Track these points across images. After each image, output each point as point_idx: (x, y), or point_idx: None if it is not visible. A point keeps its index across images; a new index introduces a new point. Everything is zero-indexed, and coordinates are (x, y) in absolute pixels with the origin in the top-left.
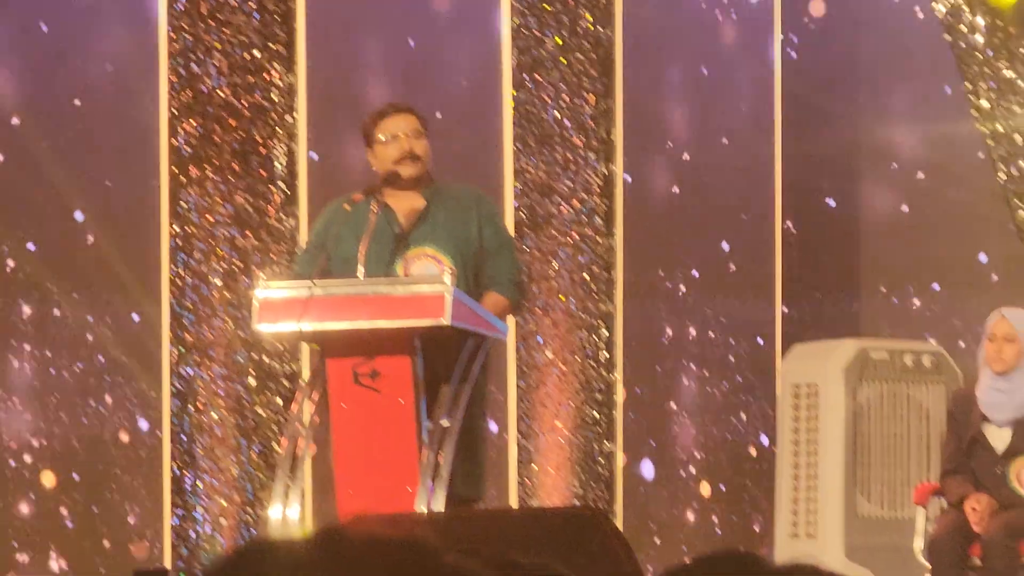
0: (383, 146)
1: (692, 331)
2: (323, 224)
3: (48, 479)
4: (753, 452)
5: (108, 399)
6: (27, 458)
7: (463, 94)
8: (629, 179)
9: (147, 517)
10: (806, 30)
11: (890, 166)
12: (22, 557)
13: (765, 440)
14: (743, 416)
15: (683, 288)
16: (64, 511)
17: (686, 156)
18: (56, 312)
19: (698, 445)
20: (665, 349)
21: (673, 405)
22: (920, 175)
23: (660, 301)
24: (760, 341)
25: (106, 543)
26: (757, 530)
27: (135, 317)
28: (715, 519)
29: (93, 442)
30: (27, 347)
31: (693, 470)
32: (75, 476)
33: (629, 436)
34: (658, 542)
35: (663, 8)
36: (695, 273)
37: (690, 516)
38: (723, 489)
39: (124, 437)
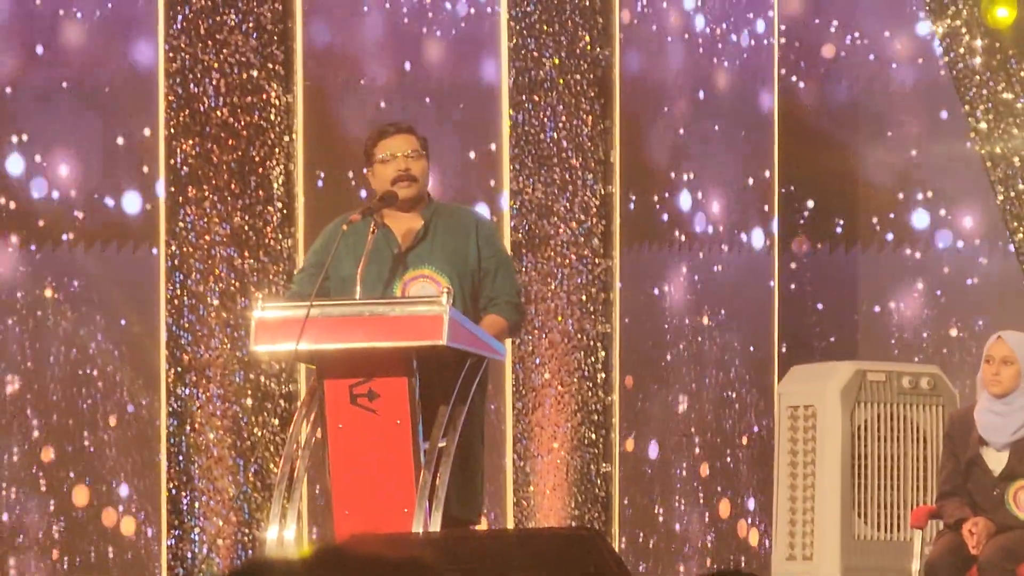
0: (382, 165)
1: (689, 351)
2: (322, 244)
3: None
4: (749, 478)
5: (101, 416)
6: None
7: (460, 114)
8: (633, 202)
9: (143, 536)
10: (813, 67)
11: (888, 186)
12: None
13: (763, 471)
14: (742, 437)
15: (679, 309)
16: (58, 535)
17: (684, 177)
18: (48, 325)
19: (697, 463)
20: (662, 370)
21: (673, 417)
22: (919, 196)
23: (657, 321)
24: (754, 350)
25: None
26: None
27: (128, 327)
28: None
29: (87, 460)
30: (18, 378)
31: (689, 493)
32: (71, 492)
33: (624, 456)
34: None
35: (662, 29)
36: (691, 296)
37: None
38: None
39: (119, 460)
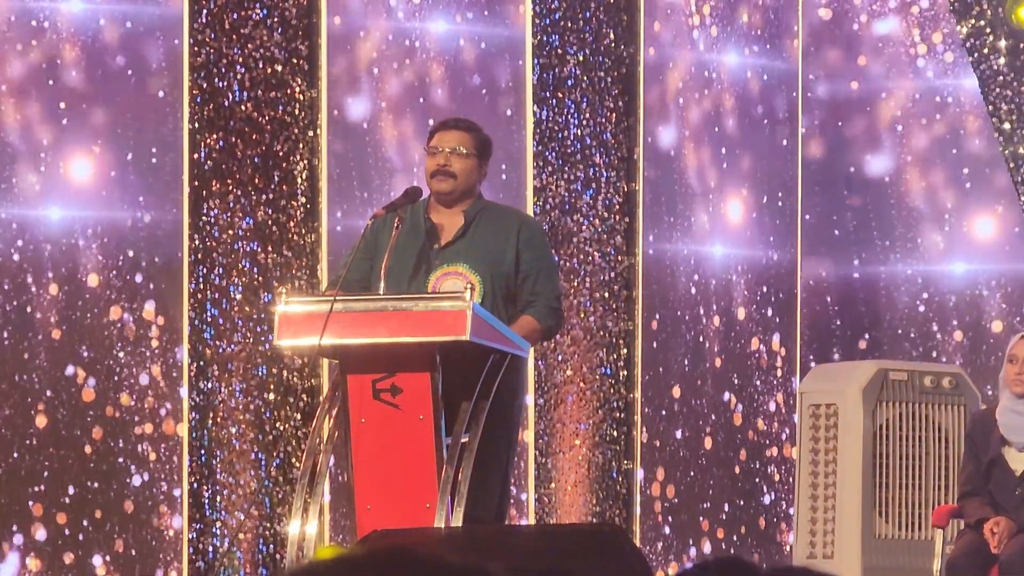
0: (429, 156)
1: (713, 349)
2: (363, 235)
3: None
4: (773, 471)
5: (125, 409)
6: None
7: (484, 111)
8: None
9: (164, 531)
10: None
11: (910, 204)
12: None
13: (784, 452)
14: (763, 429)
15: (703, 307)
16: (80, 527)
17: (708, 176)
18: (73, 317)
19: (718, 464)
20: (683, 367)
21: (690, 424)
22: (947, 204)
23: (680, 316)
24: (780, 359)
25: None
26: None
27: (159, 321)
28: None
29: (107, 456)
30: (45, 359)
31: (707, 498)
32: (92, 488)
33: (644, 454)
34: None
35: (685, 27)
36: (715, 295)
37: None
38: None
39: (142, 451)
